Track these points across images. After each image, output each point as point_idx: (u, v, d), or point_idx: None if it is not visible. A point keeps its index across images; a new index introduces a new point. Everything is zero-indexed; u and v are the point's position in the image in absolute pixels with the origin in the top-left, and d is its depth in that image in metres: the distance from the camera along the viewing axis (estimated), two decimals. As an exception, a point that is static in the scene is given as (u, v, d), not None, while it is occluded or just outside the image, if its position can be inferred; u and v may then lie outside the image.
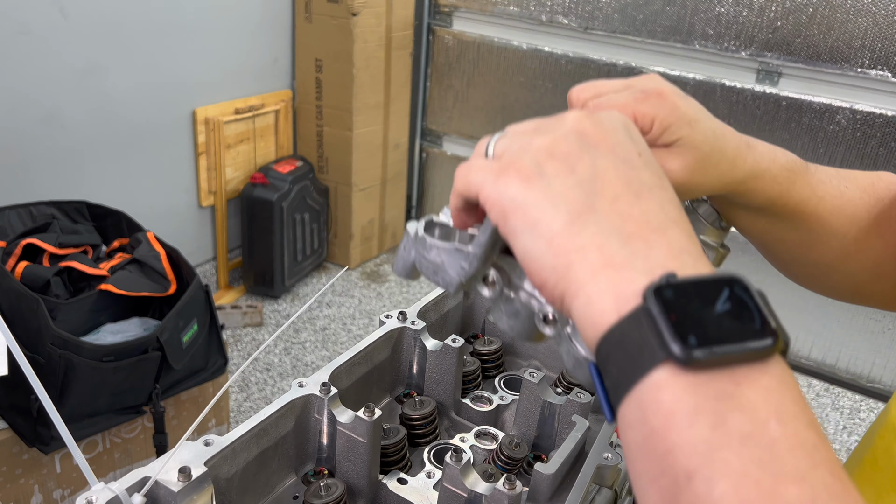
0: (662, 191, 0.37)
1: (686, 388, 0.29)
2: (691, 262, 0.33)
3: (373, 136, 3.20)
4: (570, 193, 0.36)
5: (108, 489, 0.49)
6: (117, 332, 1.85)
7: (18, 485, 1.66)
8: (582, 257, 0.34)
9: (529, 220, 0.36)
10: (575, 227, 0.34)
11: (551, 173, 0.36)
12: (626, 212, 0.35)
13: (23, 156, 2.20)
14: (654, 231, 0.34)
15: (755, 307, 0.31)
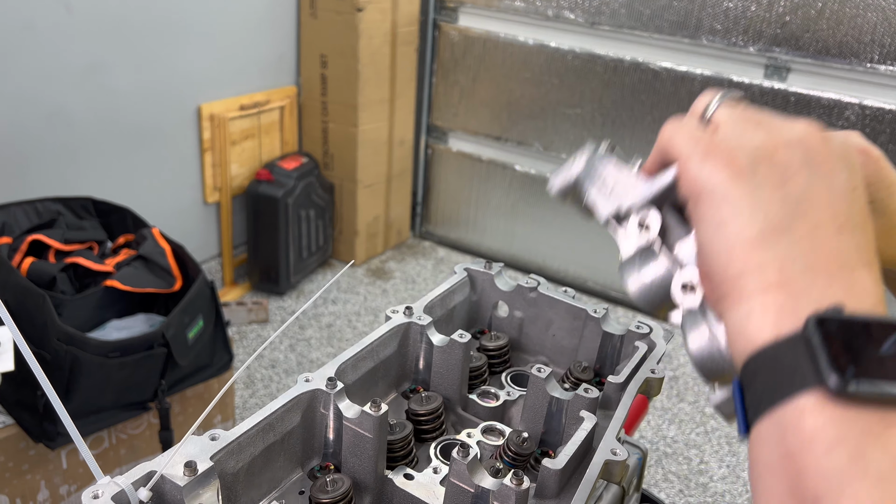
0: (864, 232, 0.35)
1: (832, 418, 0.29)
2: (869, 304, 0.33)
3: (378, 133, 3.19)
4: (774, 207, 0.35)
5: (114, 483, 0.49)
6: (123, 328, 1.85)
7: (25, 480, 1.67)
8: (759, 272, 0.33)
9: (722, 215, 0.35)
10: (765, 242, 0.34)
11: (762, 178, 0.35)
12: (821, 243, 0.34)
13: (28, 152, 2.20)
14: (841, 268, 0.33)
15: None
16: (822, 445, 0.29)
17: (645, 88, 2.89)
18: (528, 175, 3.31)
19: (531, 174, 3.30)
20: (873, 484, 0.27)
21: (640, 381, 0.68)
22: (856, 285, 0.33)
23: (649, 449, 2.40)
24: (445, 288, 0.79)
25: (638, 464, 0.84)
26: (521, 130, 3.26)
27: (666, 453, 2.40)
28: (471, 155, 3.45)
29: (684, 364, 2.88)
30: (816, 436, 0.29)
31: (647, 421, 2.54)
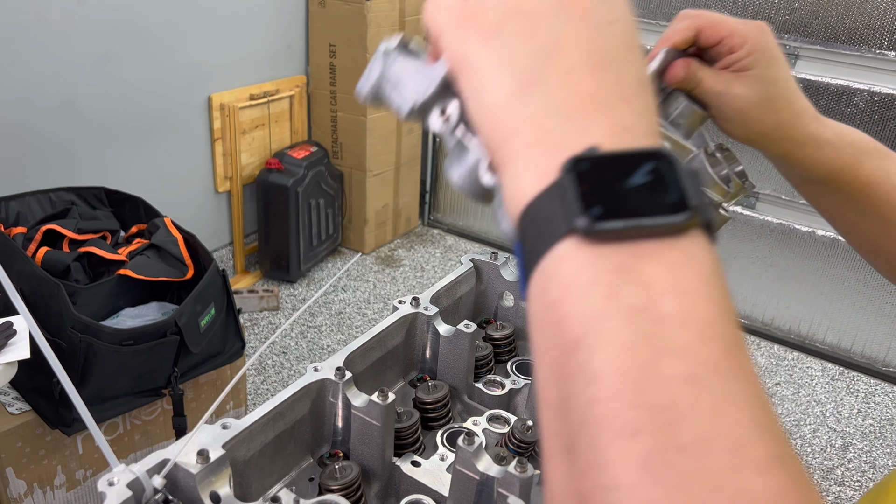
0: (626, 64, 0.33)
1: (586, 261, 0.28)
2: (630, 139, 0.31)
3: (387, 121, 3.20)
4: (523, 60, 0.33)
5: (129, 471, 0.51)
6: (136, 316, 1.87)
7: (42, 465, 1.70)
8: (519, 132, 0.32)
9: (477, 83, 0.34)
10: (518, 99, 0.32)
11: (510, 33, 0.34)
12: (576, 85, 0.32)
13: (41, 142, 2.23)
14: (599, 107, 0.32)
15: (675, 181, 0.29)
16: (577, 289, 0.28)
17: (654, 75, 2.88)
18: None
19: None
20: (626, 319, 0.27)
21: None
22: (616, 122, 0.31)
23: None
24: (452, 278, 0.80)
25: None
26: (529, 118, 3.26)
27: (673, 440, 2.41)
28: (479, 143, 3.45)
29: (692, 351, 2.89)
30: (573, 281, 0.28)
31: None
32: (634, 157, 0.30)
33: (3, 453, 1.62)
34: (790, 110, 0.58)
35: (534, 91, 0.32)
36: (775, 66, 0.57)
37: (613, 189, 0.29)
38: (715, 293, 0.28)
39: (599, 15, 0.34)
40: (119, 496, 0.49)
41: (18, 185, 2.08)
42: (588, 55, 0.33)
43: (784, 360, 2.86)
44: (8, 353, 1.29)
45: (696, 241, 0.29)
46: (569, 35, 0.33)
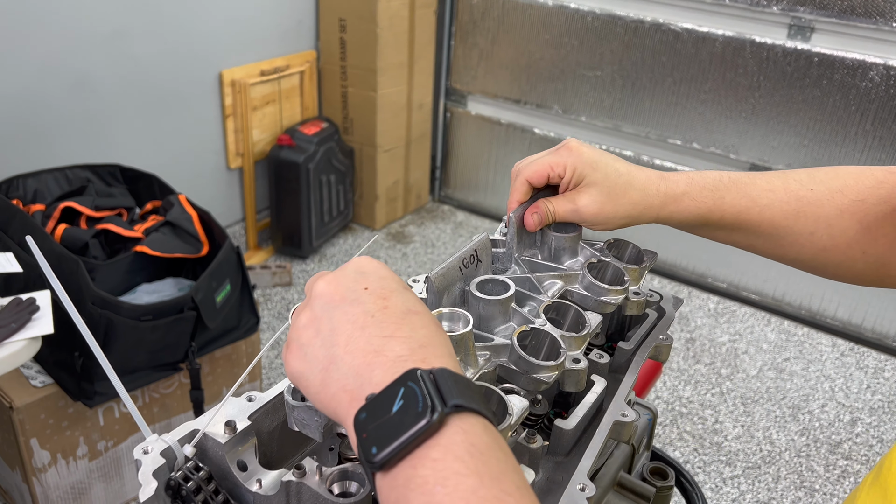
0: (383, 312, 0.45)
1: (388, 486, 0.37)
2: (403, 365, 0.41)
3: (397, 97, 3.20)
4: (319, 353, 0.45)
5: (161, 440, 0.54)
6: (153, 291, 1.91)
7: (65, 436, 1.75)
8: (339, 402, 0.42)
9: (304, 386, 0.46)
10: (326, 381, 0.44)
11: (307, 342, 0.46)
12: (355, 347, 0.43)
13: (55, 119, 2.25)
14: (375, 354, 0.42)
15: (420, 393, 0.38)
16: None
17: (666, 49, 2.86)
18: (548, 138, 3.31)
19: (550, 137, 3.30)
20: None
21: (649, 347, 0.71)
22: (389, 358, 0.42)
23: (665, 409, 2.45)
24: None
25: (648, 424, 0.88)
26: (540, 93, 3.26)
27: (681, 413, 2.44)
28: (490, 118, 3.45)
29: (701, 326, 2.91)
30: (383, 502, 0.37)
31: (663, 381, 2.58)
32: (391, 389, 0.39)
33: (27, 425, 1.67)
34: (633, 188, 0.70)
35: (332, 369, 0.43)
36: (598, 167, 0.70)
37: (382, 424, 0.38)
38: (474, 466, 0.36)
39: (353, 290, 0.46)
40: (154, 463, 0.52)
41: (34, 163, 2.11)
42: (354, 322, 0.44)
43: (794, 336, 2.87)
44: (32, 329, 1.33)
45: (452, 429, 0.37)
46: (339, 318, 0.45)
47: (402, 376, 0.39)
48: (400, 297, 0.47)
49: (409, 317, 0.45)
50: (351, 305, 0.46)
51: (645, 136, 3.07)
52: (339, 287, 0.47)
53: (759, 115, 2.77)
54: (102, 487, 1.89)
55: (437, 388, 0.38)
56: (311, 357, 0.45)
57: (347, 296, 0.46)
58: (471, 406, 0.38)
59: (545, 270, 0.74)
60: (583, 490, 0.54)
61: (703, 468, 2.23)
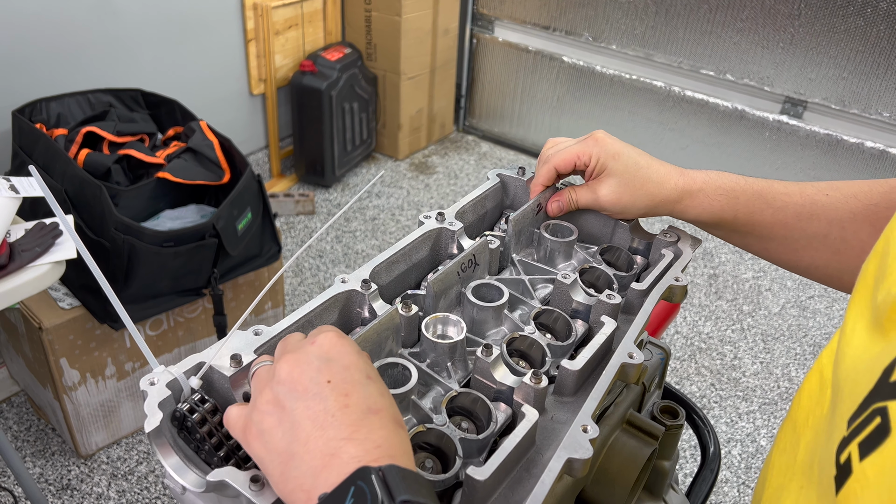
0: (343, 410, 0.45)
1: None
2: (353, 465, 0.43)
3: (422, 22, 3.12)
4: (279, 445, 0.46)
5: (168, 372, 0.54)
6: (176, 218, 1.93)
7: (93, 357, 1.81)
8: (296, 499, 0.44)
9: (265, 470, 0.47)
10: (285, 476, 0.45)
11: (268, 428, 0.46)
12: (314, 448, 0.44)
13: (77, 43, 2.23)
14: (332, 456, 0.44)
15: (368, 491, 0.40)
16: None
17: (703, -26, 2.73)
18: (577, 67, 3.22)
19: (580, 66, 3.21)
20: None
21: (662, 289, 0.70)
22: (344, 461, 0.43)
23: (683, 344, 2.45)
24: (478, 193, 0.80)
25: (660, 363, 0.87)
26: (570, 19, 3.14)
27: (700, 348, 2.45)
28: (517, 45, 3.35)
29: (725, 262, 2.87)
30: None
31: (684, 317, 2.58)
32: (341, 488, 0.40)
33: (56, 345, 1.72)
34: (651, 181, 0.74)
35: (290, 465, 0.45)
36: (620, 159, 0.74)
37: None
38: None
39: (316, 383, 0.47)
40: (160, 395, 0.52)
41: (57, 86, 2.10)
42: (314, 420, 0.45)
43: (819, 274, 2.83)
44: (56, 253, 1.35)
45: None
46: (300, 412, 0.46)
47: (353, 475, 0.42)
48: (362, 392, 0.47)
49: (369, 417, 0.46)
50: (313, 400, 0.46)
51: (677, 66, 2.96)
52: (303, 377, 0.48)
53: (797, 46, 2.66)
54: (131, 406, 1.96)
55: (386, 486, 0.40)
56: (272, 448, 0.46)
57: (310, 388, 0.47)
58: (417, 500, 0.40)
59: (539, 273, 0.77)
60: (585, 431, 0.54)
61: (718, 403, 2.25)
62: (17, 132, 1.88)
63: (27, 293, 1.29)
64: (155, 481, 1.90)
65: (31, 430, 2.01)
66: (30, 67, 2.12)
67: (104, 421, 1.92)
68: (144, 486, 1.88)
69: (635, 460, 0.76)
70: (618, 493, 0.72)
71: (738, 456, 2.07)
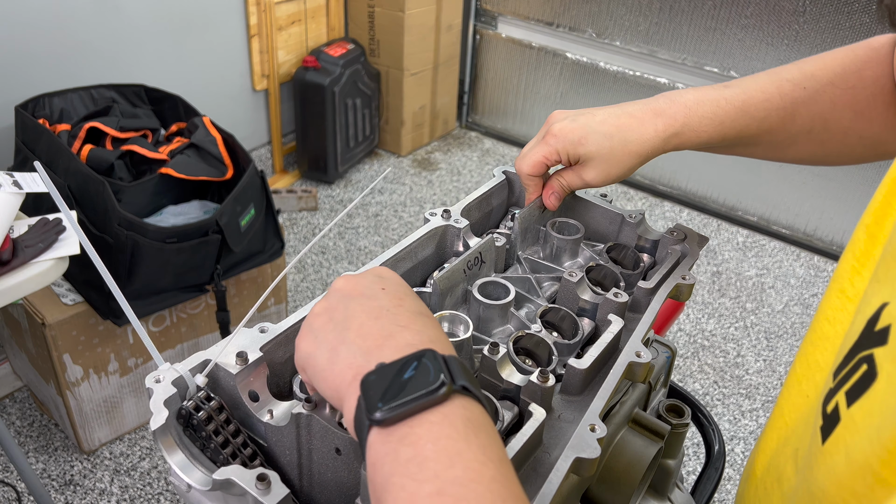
0: (398, 307, 0.48)
1: (381, 441, 0.40)
2: (409, 349, 0.44)
3: (425, 17, 3.11)
4: (329, 335, 0.47)
5: (173, 369, 0.54)
6: (179, 213, 1.92)
7: (96, 353, 1.81)
8: (342, 380, 0.44)
9: (311, 365, 0.48)
10: (333, 359, 0.46)
11: (319, 328, 0.48)
12: (367, 332, 0.46)
13: (80, 38, 2.23)
14: (386, 338, 0.45)
15: (435, 369, 0.41)
16: (378, 462, 0.39)
17: (708, -30, 2.72)
18: (580, 63, 3.21)
19: (583, 62, 3.20)
20: (403, 469, 0.37)
21: (669, 287, 0.70)
22: (399, 343, 0.44)
23: (687, 342, 2.45)
24: (483, 191, 0.80)
25: (666, 362, 0.87)
26: (574, 15, 3.13)
27: (703, 346, 2.44)
28: (521, 41, 3.34)
29: (728, 260, 2.87)
30: (376, 458, 0.39)
31: (687, 315, 2.57)
32: (406, 360, 0.42)
33: (59, 341, 1.72)
34: (629, 141, 0.71)
35: (341, 348, 0.46)
36: (586, 142, 0.71)
37: (391, 385, 0.40)
38: (465, 433, 0.39)
39: (371, 289, 0.50)
40: (165, 392, 0.52)
41: (60, 82, 2.10)
42: (369, 312, 0.47)
43: (824, 272, 2.83)
44: (59, 249, 1.34)
45: (454, 404, 0.40)
46: (354, 308, 0.48)
47: (418, 352, 0.43)
48: (414, 300, 0.50)
49: (422, 317, 0.48)
50: (368, 299, 0.49)
51: (681, 63, 2.95)
52: (358, 284, 0.51)
53: (802, 43, 2.64)
54: (134, 402, 1.96)
55: (448, 369, 0.42)
56: (322, 339, 0.47)
57: (365, 291, 0.50)
58: (474, 392, 0.42)
59: (545, 271, 0.77)
60: (593, 431, 0.53)
61: (721, 401, 2.24)
62: (20, 127, 1.88)
63: (30, 289, 1.29)
64: (158, 477, 1.90)
65: (34, 425, 2.01)
66: (33, 63, 2.12)
67: (107, 417, 1.92)
68: (147, 482, 1.88)
69: (641, 459, 0.76)
70: (623, 492, 0.72)
71: (741, 454, 2.07)
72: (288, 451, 0.55)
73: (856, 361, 0.39)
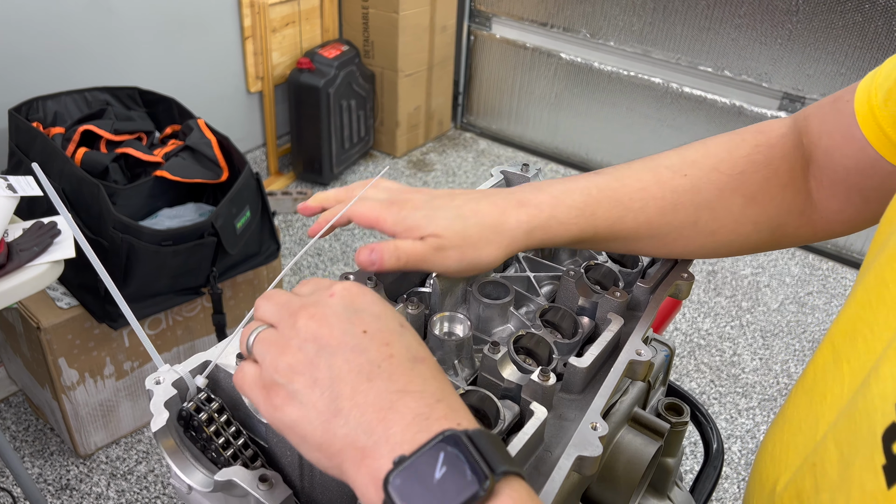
0: (389, 360, 0.42)
1: None
2: (425, 423, 0.39)
3: (419, 18, 3.11)
4: (319, 404, 0.40)
5: (173, 371, 0.54)
6: (174, 216, 1.92)
7: (92, 356, 1.80)
8: (344, 458, 0.39)
9: (299, 436, 0.41)
10: (329, 434, 0.40)
11: (300, 390, 0.41)
12: (363, 402, 0.40)
13: (73, 41, 2.22)
14: (388, 410, 0.39)
15: (465, 458, 0.36)
16: None
17: (701, -30, 2.73)
18: (574, 63, 3.21)
19: (577, 63, 3.20)
20: None
21: (669, 285, 0.70)
22: (406, 416, 0.39)
23: (683, 341, 2.45)
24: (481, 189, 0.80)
25: (665, 360, 0.87)
26: (567, 16, 3.14)
27: (699, 345, 2.45)
28: (515, 42, 3.35)
29: (724, 259, 2.87)
30: None
31: (683, 314, 2.58)
32: (430, 452, 0.36)
33: (55, 345, 1.71)
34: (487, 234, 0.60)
35: (336, 423, 0.40)
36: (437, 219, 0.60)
37: (425, 491, 0.35)
38: None
39: (352, 334, 0.42)
40: (165, 394, 0.52)
41: (54, 85, 2.09)
42: (359, 373, 0.40)
43: (819, 270, 2.84)
44: (54, 252, 1.34)
45: (503, 498, 0.36)
46: (339, 366, 0.41)
47: (442, 439, 0.37)
48: (402, 341, 0.44)
49: (417, 366, 0.42)
50: (352, 353, 0.42)
51: (675, 63, 2.96)
52: (334, 330, 0.43)
53: (795, 42, 2.66)
54: (129, 406, 1.95)
55: (481, 453, 0.36)
56: (309, 406, 0.41)
57: (345, 340, 0.42)
58: (514, 470, 0.37)
59: (544, 270, 0.75)
60: (594, 429, 0.53)
61: (718, 399, 2.25)
62: (13, 131, 1.87)
63: (26, 293, 1.28)
64: (154, 481, 1.90)
65: (30, 430, 2.00)
66: (26, 66, 2.11)
67: (103, 420, 1.91)
68: (144, 486, 1.88)
69: (641, 458, 0.76)
70: (623, 491, 0.72)
71: (738, 452, 2.08)
72: (289, 451, 0.55)
73: None
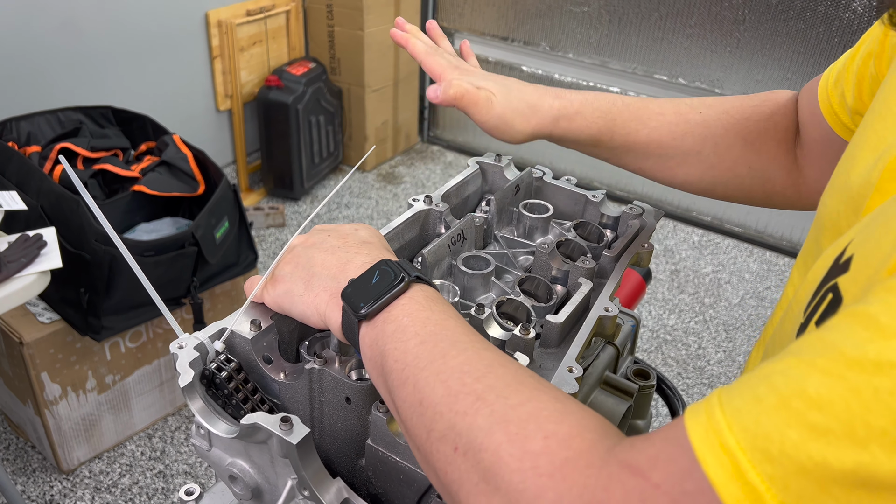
0: (345, 243, 0.61)
1: (370, 329, 0.52)
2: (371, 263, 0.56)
3: (384, 35, 3.19)
4: (299, 274, 0.60)
5: (194, 337, 0.60)
6: (152, 231, 1.96)
7: (74, 370, 1.82)
8: (320, 299, 0.57)
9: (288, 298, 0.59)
10: (308, 286, 0.58)
11: (288, 273, 0.60)
12: (329, 264, 0.59)
13: (44, 62, 2.25)
14: (345, 264, 0.58)
15: (392, 269, 0.54)
16: (372, 343, 0.52)
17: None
18: (535, 75, 3.32)
19: (538, 74, 3.32)
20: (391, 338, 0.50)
21: (631, 254, 0.78)
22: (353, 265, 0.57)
23: (650, 337, 2.55)
24: (460, 179, 0.87)
25: (631, 330, 0.95)
26: (527, 30, 3.25)
27: (666, 340, 2.54)
28: (477, 56, 3.42)
29: (685, 258, 2.99)
30: (370, 341, 0.52)
31: (649, 311, 2.68)
32: (369, 271, 0.55)
33: (37, 359, 1.73)
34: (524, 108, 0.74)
35: (313, 281, 0.58)
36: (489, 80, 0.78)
37: (366, 291, 0.53)
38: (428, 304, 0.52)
39: (318, 238, 0.62)
40: (188, 356, 0.58)
41: (26, 106, 2.12)
42: (325, 252, 0.60)
43: (775, 266, 2.97)
44: (41, 263, 1.37)
45: (414, 289, 0.53)
46: (311, 252, 0.61)
47: (376, 264, 0.55)
48: (355, 236, 0.62)
49: (367, 244, 0.61)
50: (321, 244, 0.61)
51: (631, 72, 3.09)
52: (310, 237, 0.63)
53: (743, 49, 2.80)
54: (112, 419, 1.97)
55: (403, 268, 0.54)
56: (294, 278, 0.59)
57: (316, 241, 0.62)
58: (426, 279, 0.55)
59: (520, 247, 0.84)
60: (571, 371, 0.61)
61: (686, 391, 2.34)
62: (-10, 151, 1.90)
63: (15, 303, 1.32)
64: (139, 493, 1.91)
65: (10, 448, 2.01)
66: (-2, 87, 2.14)
67: (85, 435, 1.93)
68: (129, 499, 1.89)
69: (613, 416, 0.84)
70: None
71: (706, 438, 2.17)
72: (301, 405, 0.61)
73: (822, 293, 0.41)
